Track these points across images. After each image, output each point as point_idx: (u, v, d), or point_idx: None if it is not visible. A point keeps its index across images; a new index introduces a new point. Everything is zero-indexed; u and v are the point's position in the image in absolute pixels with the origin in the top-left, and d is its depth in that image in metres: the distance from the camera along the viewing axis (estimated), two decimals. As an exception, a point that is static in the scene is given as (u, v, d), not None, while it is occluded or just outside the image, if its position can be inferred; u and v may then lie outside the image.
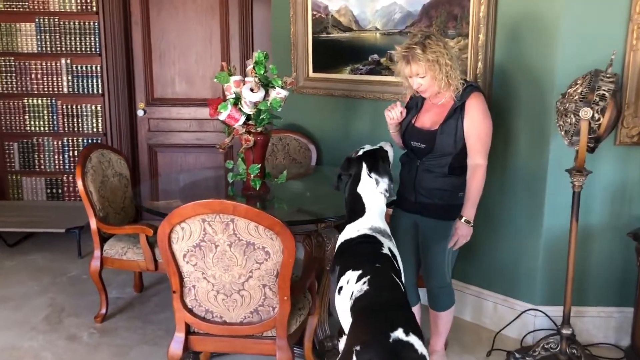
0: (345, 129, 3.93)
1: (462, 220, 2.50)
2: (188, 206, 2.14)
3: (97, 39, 4.65)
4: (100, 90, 4.74)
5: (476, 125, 2.51)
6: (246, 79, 2.94)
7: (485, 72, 3.06)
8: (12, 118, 4.79)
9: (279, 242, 2.16)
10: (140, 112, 4.87)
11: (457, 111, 2.53)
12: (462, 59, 3.16)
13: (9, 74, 4.71)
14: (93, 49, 4.67)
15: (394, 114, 2.66)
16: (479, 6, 3.03)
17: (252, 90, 2.85)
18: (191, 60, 4.81)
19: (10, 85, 4.73)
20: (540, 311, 3.07)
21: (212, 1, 4.70)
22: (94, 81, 4.73)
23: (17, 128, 4.80)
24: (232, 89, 2.94)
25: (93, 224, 3.19)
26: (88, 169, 3.22)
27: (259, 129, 2.95)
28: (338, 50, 3.83)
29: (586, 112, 2.37)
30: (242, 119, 2.91)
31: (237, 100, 2.91)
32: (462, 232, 2.50)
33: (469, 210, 2.51)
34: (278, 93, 2.90)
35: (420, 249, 2.70)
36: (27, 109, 4.77)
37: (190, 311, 2.36)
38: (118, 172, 3.48)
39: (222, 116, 2.90)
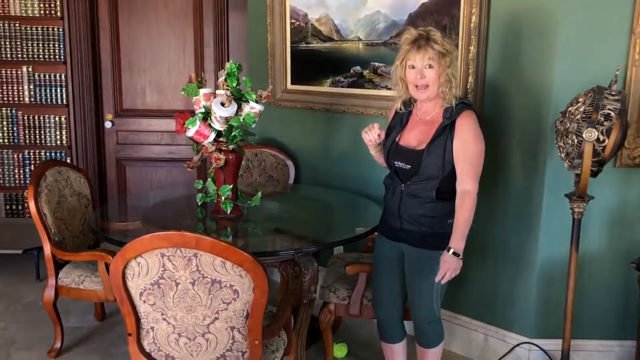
0: (325, 144, 3.68)
1: (450, 252, 2.25)
2: (144, 239, 1.87)
3: (61, 46, 4.36)
4: (64, 101, 4.43)
5: (467, 147, 2.27)
6: (217, 91, 2.68)
7: (477, 87, 2.84)
8: (-31, 129, 4.47)
9: (249, 279, 1.90)
10: (107, 124, 4.58)
11: (446, 130, 2.29)
12: (451, 72, 2.94)
13: (-35, 82, 4.39)
14: (57, 57, 4.37)
15: (371, 136, 2.41)
16: (469, 16, 2.82)
17: (223, 104, 2.59)
18: (163, 70, 4.54)
19: (-34, 94, 4.41)
20: (535, 345, 2.84)
21: (186, 7, 4.44)
22: (58, 91, 4.43)
23: (-26, 140, 4.48)
24: (201, 102, 2.68)
25: (47, 249, 2.89)
26: (42, 188, 2.92)
27: (231, 147, 2.69)
28: (318, 61, 3.59)
29: (590, 134, 2.15)
30: (212, 135, 2.65)
31: (207, 115, 2.65)
32: (450, 266, 2.24)
33: (458, 242, 2.25)
34: (252, 108, 2.64)
35: (407, 280, 2.45)
36: (-16, 119, 4.45)
37: (148, 356, 2.08)
38: (77, 191, 3.19)
39: (190, 132, 2.63)
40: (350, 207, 3.31)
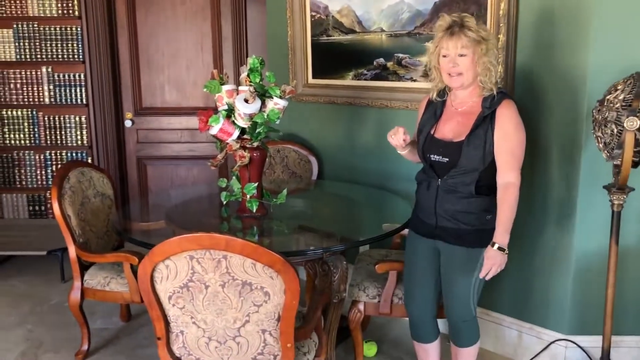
0: (349, 139, 3.61)
1: (495, 247, 2.17)
2: (172, 241, 1.82)
3: (80, 46, 4.33)
4: (84, 100, 4.42)
5: (509, 137, 2.17)
6: (240, 88, 2.62)
7: (507, 76, 2.75)
8: (-10, 131, 4.47)
9: (280, 281, 1.84)
10: (127, 123, 4.55)
11: (486, 120, 2.18)
12: (479, 62, 2.85)
13: (-15, 84, 4.39)
14: (76, 56, 4.35)
15: (397, 140, 2.33)
16: (498, 3, 2.72)
17: (246, 101, 2.53)
18: (182, 67, 4.50)
19: (-13, 96, 4.41)
20: (572, 342, 2.75)
21: (203, 2, 4.39)
22: (78, 90, 4.41)
23: (-4, 142, 4.48)
24: (224, 99, 2.63)
25: (72, 251, 2.87)
26: (66, 189, 2.90)
27: (255, 144, 2.63)
28: (340, 54, 3.52)
29: (632, 122, 2.05)
30: (236, 133, 2.60)
31: (230, 112, 2.60)
32: (495, 261, 2.16)
33: (503, 236, 2.16)
34: (276, 104, 2.58)
35: (442, 278, 2.37)
36: (6, 121, 4.44)
37: (178, 360, 2.04)
38: (100, 192, 3.16)
39: (214, 130, 2.58)
40: (376, 203, 3.24)
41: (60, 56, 4.35)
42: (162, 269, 1.88)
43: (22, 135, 4.48)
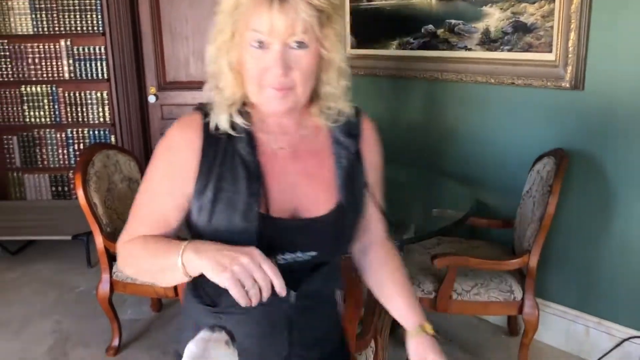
0: (392, 114, 3.33)
1: (426, 330, 1.23)
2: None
3: (99, 16, 4.08)
4: (105, 75, 4.18)
5: (379, 169, 1.35)
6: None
7: (579, 46, 2.43)
8: (10, 109, 4.26)
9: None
10: (151, 98, 4.31)
11: (357, 159, 1.27)
12: (545, 28, 2.53)
13: (2, 59, 4.17)
14: (95, 28, 4.10)
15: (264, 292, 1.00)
16: (571, -41, 2.39)
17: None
18: (207, 36, 4.21)
19: (5, 72, 4.19)
20: (649, 340, 2.50)
21: (229, -35, 4.07)
22: (99, 64, 4.17)
23: (16, 120, 4.27)
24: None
25: (99, 242, 2.66)
26: (90, 175, 2.67)
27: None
28: (383, 21, 3.22)
29: None
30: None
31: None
32: (436, 349, 1.21)
33: (422, 312, 1.27)
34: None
35: None
36: (25, 98, 4.24)
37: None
38: (127, 176, 2.93)
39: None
40: (423, 185, 2.98)
41: (79, 28, 4.10)
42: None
43: (42, 113, 4.27)
